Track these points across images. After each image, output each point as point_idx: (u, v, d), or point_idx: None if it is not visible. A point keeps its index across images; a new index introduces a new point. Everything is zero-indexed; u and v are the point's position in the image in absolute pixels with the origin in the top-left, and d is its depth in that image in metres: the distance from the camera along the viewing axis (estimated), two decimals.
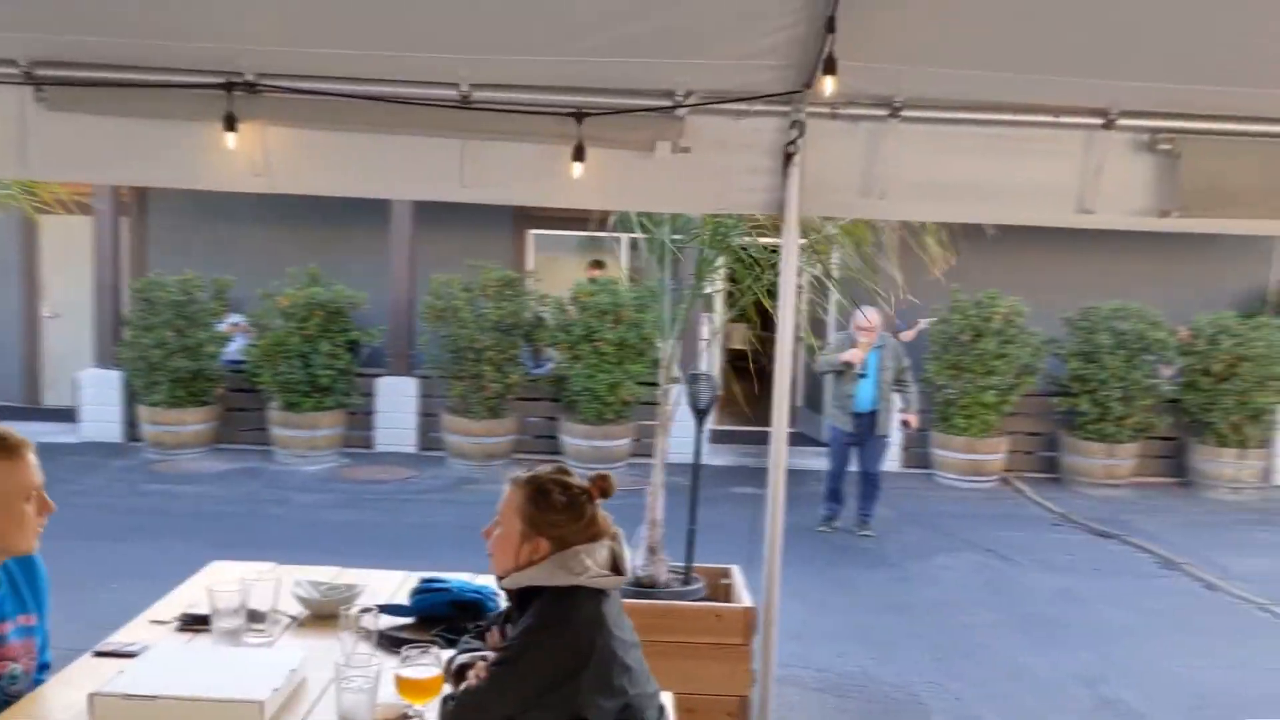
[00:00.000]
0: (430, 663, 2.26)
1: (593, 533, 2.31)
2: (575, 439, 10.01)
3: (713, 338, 12.94)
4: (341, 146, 3.39)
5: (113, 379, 10.44)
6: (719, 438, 11.30)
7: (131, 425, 10.40)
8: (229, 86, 3.23)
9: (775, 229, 5.32)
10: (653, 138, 3.32)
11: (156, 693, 2.22)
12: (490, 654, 2.31)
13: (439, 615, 2.87)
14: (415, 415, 10.54)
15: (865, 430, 8.00)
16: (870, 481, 8.15)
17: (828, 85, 2.83)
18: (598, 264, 11.61)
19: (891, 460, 10.34)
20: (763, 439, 13.17)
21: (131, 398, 10.31)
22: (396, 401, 10.51)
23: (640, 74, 3.21)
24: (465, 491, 9.22)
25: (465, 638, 2.50)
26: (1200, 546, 7.92)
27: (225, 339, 10.41)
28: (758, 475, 10.12)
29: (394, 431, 10.50)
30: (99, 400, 10.50)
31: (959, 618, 6.04)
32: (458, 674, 2.32)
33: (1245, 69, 3.08)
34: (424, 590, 2.94)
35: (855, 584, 6.68)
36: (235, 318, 10.89)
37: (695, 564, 4.87)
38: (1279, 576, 7.17)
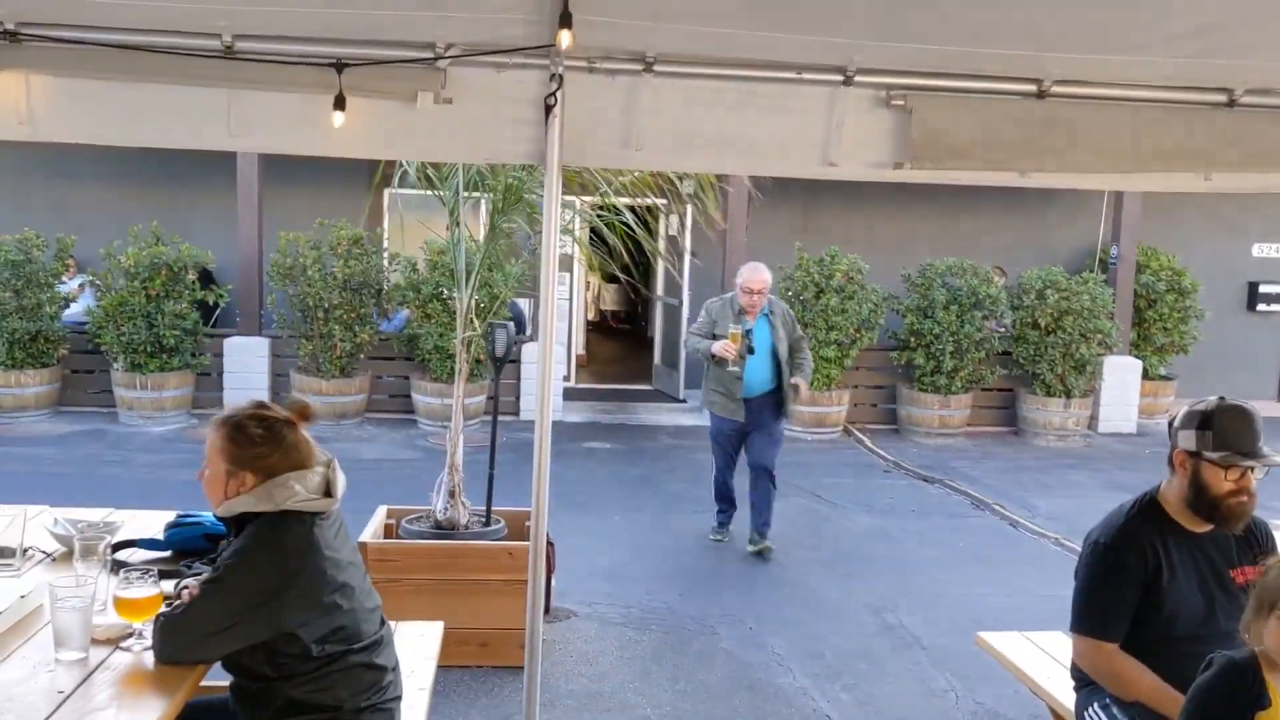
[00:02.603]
0: (147, 584, 2.38)
1: (297, 459, 2.45)
2: (427, 397, 10.08)
3: (574, 297, 13.13)
4: (107, 95, 3.42)
5: None
6: (576, 395, 11.47)
7: None
8: None
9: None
10: (414, 89, 3.43)
11: None
12: None
13: (193, 548, 2.99)
14: (267, 375, 10.47)
15: (761, 418, 6.28)
16: (764, 478, 6.30)
17: (564, 39, 3.00)
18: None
19: None
20: (620, 396, 13.32)
21: None
22: (247, 361, 10.41)
23: (400, 26, 3.31)
24: None
25: (198, 565, 2.62)
26: (1015, 489, 8.41)
27: (66, 299, 10.18)
28: (611, 431, 10.42)
29: (245, 392, 10.32)
30: None
31: (774, 557, 6.33)
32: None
33: (967, 28, 3.33)
34: (178, 525, 3.05)
35: (683, 530, 6.93)
36: (83, 276, 10.66)
37: (505, 508, 5.05)
38: (1080, 514, 7.63)
